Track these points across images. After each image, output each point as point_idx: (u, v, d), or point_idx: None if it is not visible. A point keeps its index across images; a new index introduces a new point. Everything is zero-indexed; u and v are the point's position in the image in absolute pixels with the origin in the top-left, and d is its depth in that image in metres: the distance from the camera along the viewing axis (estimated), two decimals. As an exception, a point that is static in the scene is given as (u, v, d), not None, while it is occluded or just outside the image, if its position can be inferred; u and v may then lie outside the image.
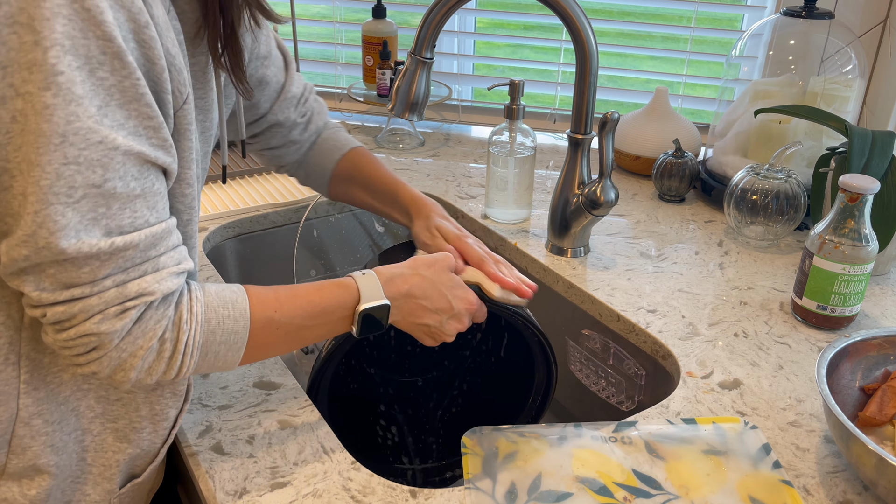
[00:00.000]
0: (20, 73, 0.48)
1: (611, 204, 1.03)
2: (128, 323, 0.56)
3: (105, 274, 0.54)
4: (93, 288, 0.54)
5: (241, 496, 0.67)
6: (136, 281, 0.55)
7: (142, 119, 0.53)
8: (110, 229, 0.53)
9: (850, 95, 1.23)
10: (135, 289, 0.55)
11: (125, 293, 0.55)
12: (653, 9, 1.62)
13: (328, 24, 1.73)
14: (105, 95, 0.50)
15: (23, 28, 0.47)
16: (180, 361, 0.60)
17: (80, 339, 0.55)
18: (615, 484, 0.68)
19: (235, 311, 0.63)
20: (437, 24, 0.99)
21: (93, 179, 0.51)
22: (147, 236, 0.55)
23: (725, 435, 0.75)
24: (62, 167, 0.50)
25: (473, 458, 0.70)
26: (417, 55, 0.99)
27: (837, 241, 0.88)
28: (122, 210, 0.53)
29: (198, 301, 0.61)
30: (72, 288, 0.53)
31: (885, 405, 0.74)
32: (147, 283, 0.56)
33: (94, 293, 0.54)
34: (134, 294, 0.55)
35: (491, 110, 1.71)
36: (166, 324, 0.58)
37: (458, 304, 0.76)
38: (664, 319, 0.95)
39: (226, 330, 0.62)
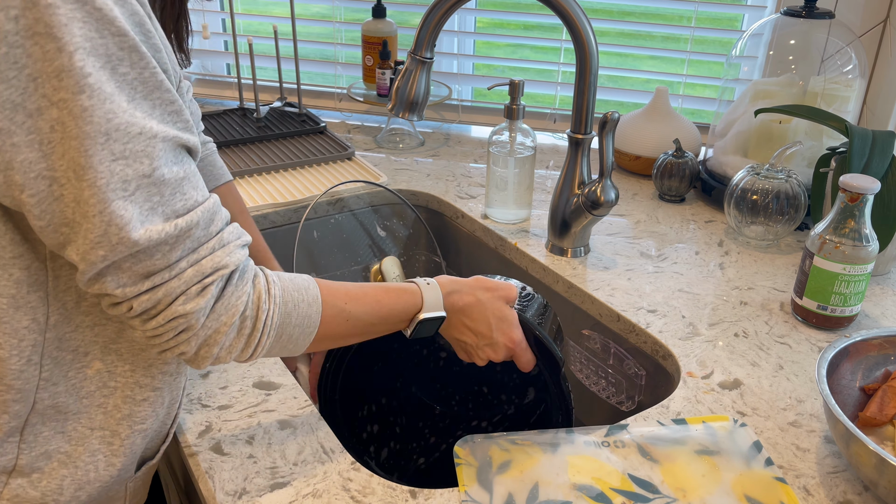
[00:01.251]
0: (50, 81, 0.49)
1: (611, 204, 1.03)
2: (210, 300, 0.58)
3: (178, 257, 0.56)
4: (171, 272, 0.56)
5: (241, 496, 0.67)
6: (208, 258, 0.57)
7: (165, 105, 0.55)
8: (168, 214, 0.55)
9: (850, 95, 1.23)
10: (209, 265, 0.57)
11: (201, 270, 0.57)
12: (653, 9, 1.62)
13: (328, 24, 1.73)
14: (130, 89, 0.52)
15: (43, 38, 0.48)
16: (258, 340, 0.62)
17: (168, 323, 0.57)
18: (612, 490, 0.68)
19: (308, 296, 0.65)
20: (437, 24, 0.99)
21: (142, 170, 0.53)
22: (203, 213, 0.57)
23: (716, 434, 0.75)
24: (112, 164, 0.51)
25: (468, 469, 0.70)
26: (417, 55, 0.99)
27: (838, 241, 0.88)
28: (173, 195, 0.55)
29: (275, 284, 0.63)
30: (151, 276, 0.55)
31: (886, 405, 0.74)
32: (219, 258, 0.58)
33: (172, 276, 0.56)
34: (210, 270, 0.57)
35: (491, 110, 1.71)
36: (246, 300, 0.60)
37: (499, 336, 0.76)
38: (664, 319, 0.95)
39: (300, 314, 0.65)
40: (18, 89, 0.48)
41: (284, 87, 1.61)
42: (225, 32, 1.82)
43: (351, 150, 1.42)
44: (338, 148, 1.43)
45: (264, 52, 1.64)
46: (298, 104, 1.57)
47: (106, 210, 0.51)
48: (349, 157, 1.42)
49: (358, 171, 1.36)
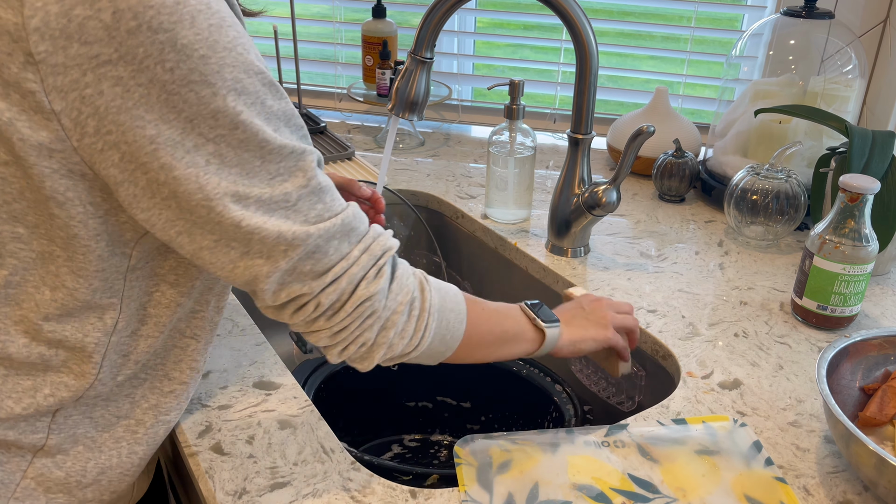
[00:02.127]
0: (206, 122, 0.54)
1: (612, 206, 1.03)
2: (386, 280, 0.64)
3: (349, 248, 0.62)
4: (347, 262, 0.61)
5: (241, 496, 0.67)
6: (375, 243, 0.63)
7: (299, 128, 0.60)
8: (330, 214, 0.61)
9: (850, 95, 1.23)
10: (378, 248, 0.63)
11: (373, 254, 0.63)
12: (653, 9, 1.62)
13: (328, 24, 1.73)
14: (276, 120, 0.57)
15: (198, 85, 0.53)
16: (426, 322, 0.67)
17: (356, 310, 0.62)
18: (612, 490, 0.68)
19: (451, 289, 0.71)
20: (437, 24, 0.99)
21: (299, 182, 0.58)
22: (353, 211, 0.63)
23: (716, 434, 0.75)
24: (271, 181, 0.57)
25: (468, 469, 0.70)
26: (417, 55, 0.99)
27: (837, 241, 0.88)
28: (332, 199, 0.61)
29: (426, 276, 0.69)
30: (331, 269, 0.61)
31: (886, 405, 0.74)
32: (384, 241, 0.64)
33: (350, 265, 0.62)
34: (380, 252, 0.63)
35: (491, 110, 1.71)
36: (413, 282, 0.66)
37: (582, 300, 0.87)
38: (664, 319, 0.95)
39: (451, 299, 0.70)
40: (178, 129, 0.53)
41: (284, 87, 1.61)
42: (225, 32, 1.82)
43: (351, 150, 1.42)
44: (338, 148, 1.43)
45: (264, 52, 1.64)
46: (298, 104, 1.57)
47: (270, 221, 0.57)
48: (349, 157, 1.42)
49: (358, 171, 1.36)
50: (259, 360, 0.85)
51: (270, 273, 0.59)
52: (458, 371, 1.02)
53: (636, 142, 0.97)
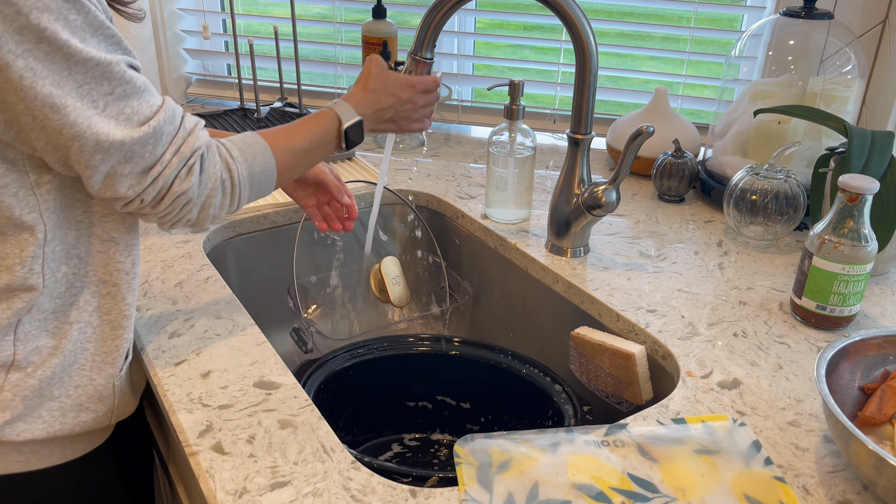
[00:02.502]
0: (13, 37, 0.61)
1: (612, 206, 1.03)
2: (196, 175, 0.73)
3: (162, 151, 0.70)
4: (161, 165, 0.71)
5: (241, 496, 0.67)
6: (184, 144, 0.72)
7: (108, 38, 0.67)
8: (141, 119, 0.68)
9: (849, 95, 1.23)
10: (187, 150, 0.72)
11: (183, 156, 0.72)
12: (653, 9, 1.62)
13: (328, 25, 1.73)
14: (80, 32, 0.64)
15: (2, 4, 0.60)
16: (238, 193, 0.78)
17: (174, 201, 0.73)
18: (612, 489, 0.68)
19: (259, 147, 0.81)
20: (437, 25, 0.99)
21: (105, 90, 0.66)
22: (167, 111, 0.71)
23: (716, 434, 0.75)
24: (80, 89, 0.65)
25: (468, 469, 0.70)
26: (417, 55, 0.99)
27: (837, 241, 0.89)
28: (140, 103, 0.68)
29: (232, 147, 0.78)
30: (148, 171, 0.70)
31: (885, 405, 0.74)
32: (192, 142, 0.73)
33: (164, 167, 0.71)
34: (189, 153, 0.72)
35: (491, 110, 1.71)
36: (219, 167, 0.76)
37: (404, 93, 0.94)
38: (664, 319, 0.95)
39: (260, 163, 0.80)
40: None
41: (285, 88, 1.61)
42: (225, 33, 1.83)
43: (351, 151, 1.42)
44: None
45: (265, 53, 1.65)
46: (299, 104, 1.57)
47: (89, 127, 0.65)
48: (349, 157, 1.42)
49: (358, 171, 1.36)
50: (259, 360, 0.86)
51: (91, 175, 0.68)
52: (458, 371, 1.02)
53: (636, 142, 0.97)
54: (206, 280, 1.02)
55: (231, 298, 0.98)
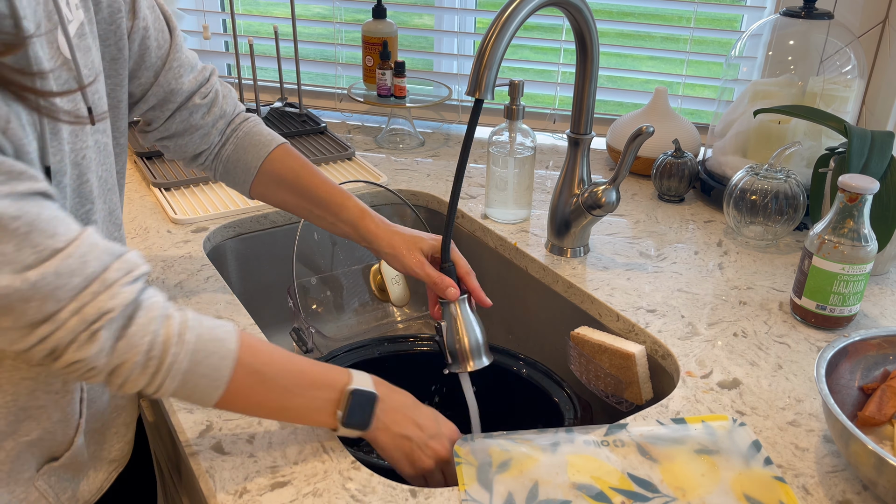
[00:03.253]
0: None
1: (612, 206, 1.03)
2: (104, 342, 0.58)
3: (55, 308, 0.55)
4: (54, 324, 0.56)
5: (242, 496, 0.67)
6: (91, 304, 0.57)
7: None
8: (17, 269, 0.53)
9: (849, 95, 1.23)
10: (93, 311, 0.57)
11: (85, 318, 0.56)
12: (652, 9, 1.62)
13: (328, 25, 1.73)
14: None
15: None
16: (161, 380, 0.61)
17: (72, 366, 0.58)
18: (612, 489, 0.68)
19: (223, 349, 0.64)
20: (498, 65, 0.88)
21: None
22: (64, 259, 0.55)
23: (716, 433, 0.75)
24: None
25: (468, 468, 0.70)
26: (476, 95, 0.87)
27: (836, 240, 0.89)
28: (19, 250, 0.53)
29: (190, 330, 0.62)
30: (36, 329, 0.55)
31: (885, 405, 0.74)
32: (102, 302, 0.57)
33: (56, 328, 0.56)
34: (95, 316, 0.57)
35: (491, 110, 1.71)
36: (152, 340, 0.60)
37: (444, 427, 0.76)
38: (663, 319, 0.95)
39: (210, 365, 0.63)
40: None
41: (285, 88, 1.61)
42: (225, 33, 1.83)
43: (351, 151, 1.42)
44: (338, 148, 1.43)
45: (265, 53, 1.65)
46: (299, 104, 1.57)
47: None
48: (349, 157, 1.42)
49: (358, 171, 1.37)
50: (259, 360, 0.85)
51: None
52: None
53: (636, 142, 0.97)
54: (206, 280, 1.02)
55: (231, 298, 0.98)
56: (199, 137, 0.89)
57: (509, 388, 0.98)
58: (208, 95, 0.88)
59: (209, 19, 1.78)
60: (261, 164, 0.90)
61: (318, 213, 0.91)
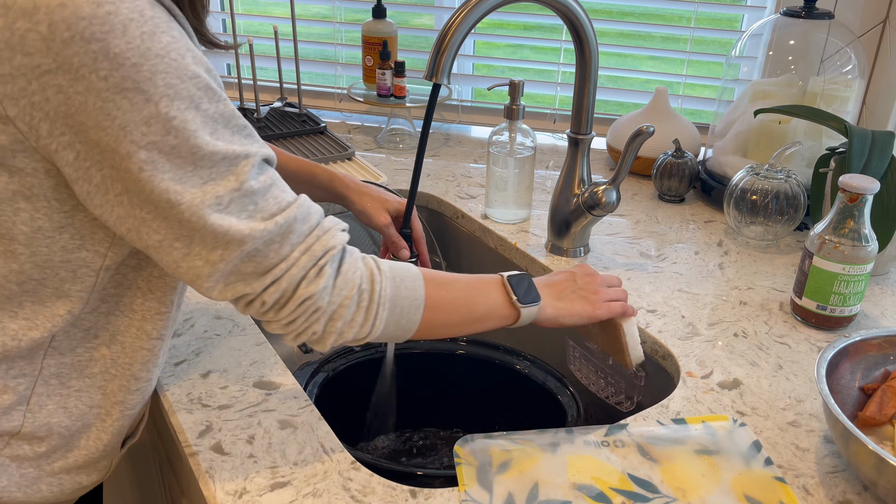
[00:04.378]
0: (139, 128, 0.56)
1: (612, 206, 1.03)
2: (328, 278, 0.65)
3: (289, 250, 0.63)
4: (287, 263, 0.63)
5: (241, 496, 0.67)
6: (316, 243, 0.65)
7: (240, 129, 0.62)
8: (265, 216, 0.62)
9: (849, 95, 1.23)
10: (319, 249, 0.65)
11: (313, 255, 0.64)
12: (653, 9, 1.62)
13: (328, 25, 1.73)
14: (212, 123, 0.59)
15: (131, 92, 0.55)
16: (375, 311, 0.68)
17: (299, 307, 0.64)
18: (612, 489, 0.68)
19: (411, 273, 0.72)
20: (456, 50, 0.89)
21: (231, 185, 0.60)
22: (298, 209, 0.64)
23: (716, 434, 0.75)
24: (204, 186, 0.59)
25: (468, 469, 0.70)
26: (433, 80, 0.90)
27: (837, 241, 0.88)
28: (266, 200, 0.62)
29: (382, 262, 0.70)
30: (271, 270, 0.63)
31: (885, 405, 0.74)
32: (326, 241, 0.65)
33: (290, 266, 0.63)
34: (321, 252, 0.65)
35: (491, 110, 1.71)
36: (361, 275, 0.67)
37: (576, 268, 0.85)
38: (664, 319, 0.95)
39: (407, 287, 0.70)
40: (112, 136, 0.56)
41: (285, 88, 1.61)
42: (225, 32, 1.82)
43: (351, 151, 1.42)
44: (338, 148, 1.43)
45: (264, 53, 1.65)
46: (299, 104, 1.57)
47: (207, 224, 0.59)
48: (349, 157, 1.42)
49: (358, 171, 1.36)
50: (259, 360, 0.85)
51: (211, 273, 0.62)
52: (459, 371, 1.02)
53: (636, 142, 0.97)
54: (206, 280, 1.02)
55: (231, 298, 0.97)
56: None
57: (512, 387, 0.98)
58: None
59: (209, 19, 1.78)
60: None
61: (292, 186, 0.95)
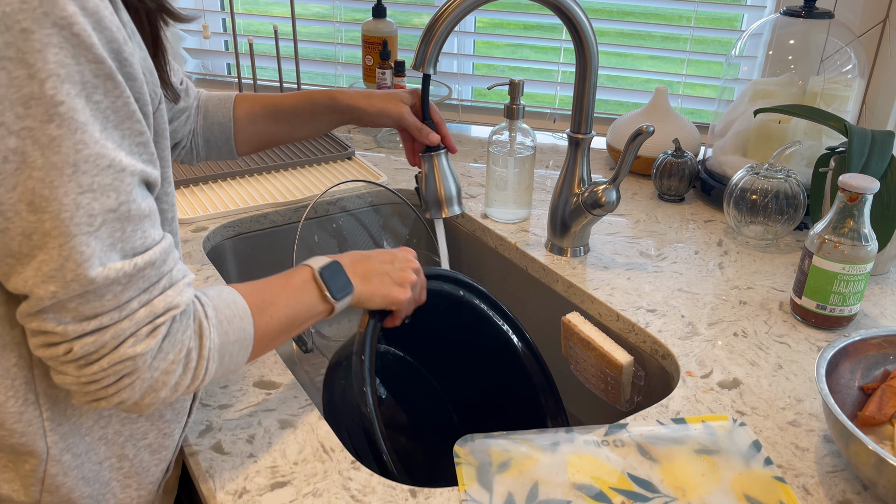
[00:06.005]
0: (13, 109, 0.46)
1: (612, 206, 1.03)
2: (159, 340, 0.55)
3: (129, 297, 0.53)
4: (121, 312, 0.53)
5: (241, 496, 0.67)
6: (160, 297, 0.55)
7: (134, 137, 0.52)
8: (126, 252, 0.52)
9: (849, 95, 1.23)
10: (162, 305, 0.55)
11: (154, 311, 0.54)
12: (653, 9, 1.62)
13: (328, 24, 1.73)
14: (103, 118, 0.50)
15: (12, 63, 0.46)
16: (204, 368, 0.59)
17: (112, 367, 0.53)
18: (612, 489, 0.68)
19: (238, 309, 0.63)
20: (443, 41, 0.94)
21: (109, 204, 0.50)
22: (160, 252, 0.55)
23: (716, 434, 0.75)
24: (79, 197, 0.49)
25: (468, 469, 0.70)
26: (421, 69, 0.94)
27: (837, 240, 0.88)
28: (134, 232, 0.53)
29: (207, 305, 0.61)
30: (99, 317, 0.52)
31: (885, 405, 0.74)
32: (171, 297, 0.56)
33: (123, 317, 0.53)
34: (162, 310, 0.55)
35: (491, 110, 1.71)
36: (190, 333, 0.58)
37: (398, 251, 0.83)
38: (664, 319, 0.95)
39: (235, 329, 0.63)
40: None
41: (285, 87, 1.61)
42: (225, 32, 1.82)
43: (351, 150, 1.42)
44: (338, 147, 1.43)
45: (264, 52, 1.65)
46: (298, 104, 1.57)
47: (66, 244, 0.49)
48: (349, 156, 1.42)
49: (358, 170, 1.36)
50: (259, 360, 0.85)
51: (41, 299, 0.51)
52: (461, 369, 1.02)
53: (636, 142, 0.97)
54: (206, 280, 1.02)
55: (231, 298, 0.97)
56: (185, 121, 0.94)
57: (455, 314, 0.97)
58: (184, 81, 0.93)
59: (209, 18, 1.78)
60: (232, 113, 0.97)
61: (298, 122, 0.99)
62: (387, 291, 0.78)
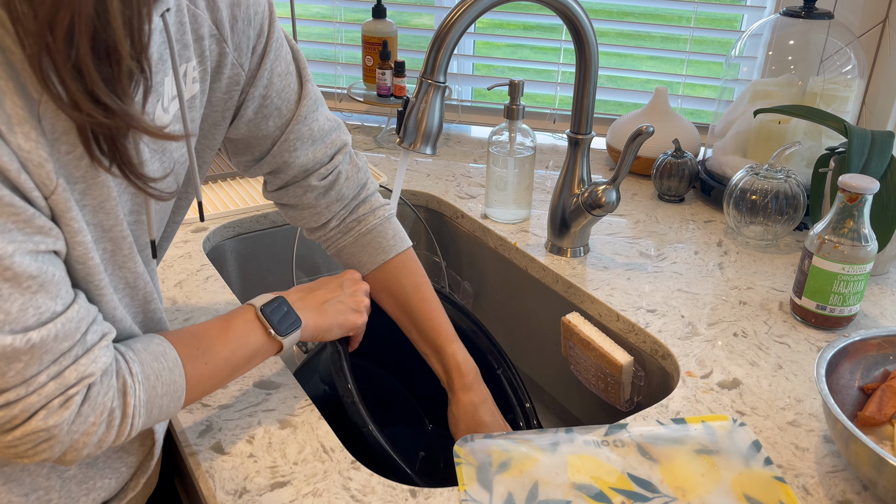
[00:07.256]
0: None
1: (612, 206, 1.03)
2: (74, 409, 0.54)
3: (35, 371, 0.52)
4: (28, 388, 0.52)
5: (241, 496, 0.67)
6: (71, 367, 0.54)
7: (9, 217, 0.49)
8: (16, 330, 0.50)
9: (849, 95, 1.23)
10: (73, 376, 0.54)
11: (64, 382, 0.53)
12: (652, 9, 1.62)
13: (328, 24, 1.73)
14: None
15: None
16: (130, 425, 0.59)
17: (27, 437, 0.53)
18: (612, 489, 0.68)
19: (168, 361, 0.62)
20: (453, 47, 0.91)
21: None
22: (64, 324, 0.53)
23: (716, 434, 0.75)
24: None
25: (467, 469, 0.70)
26: (429, 79, 0.92)
27: (837, 240, 0.89)
28: (23, 311, 0.50)
29: (133, 361, 0.59)
30: (4, 393, 0.51)
31: (885, 405, 0.74)
32: (83, 367, 0.54)
33: (30, 392, 0.52)
34: (74, 381, 0.54)
35: (491, 110, 1.71)
36: (112, 395, 0.57)
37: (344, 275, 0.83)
38: (663, 319, 0.95)
39: (164, 382, 0.62)
40: None
41: (284, 88, 1.61)
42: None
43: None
44: (338, 148, 1.43)
45: (264, 53, 1.64)
46: (298, 104, 1.57)
47: None
48: (349, 157, 1.42)
49: (358, 171, 1.36)
50: (259, 360, 0.85)
51: None
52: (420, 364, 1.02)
53: (635, 142, 0.97)
54: (206, 280, 1.02)
55: (231, 298, 0.98)
56: (311, 216, 0.85)
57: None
58: (327, 178, 0.83)
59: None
60: (373, 269, 0.88)
61: (415, 337, 0.90)
62: (343, 319, 0.79)
